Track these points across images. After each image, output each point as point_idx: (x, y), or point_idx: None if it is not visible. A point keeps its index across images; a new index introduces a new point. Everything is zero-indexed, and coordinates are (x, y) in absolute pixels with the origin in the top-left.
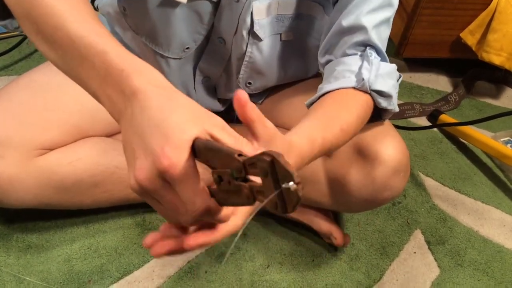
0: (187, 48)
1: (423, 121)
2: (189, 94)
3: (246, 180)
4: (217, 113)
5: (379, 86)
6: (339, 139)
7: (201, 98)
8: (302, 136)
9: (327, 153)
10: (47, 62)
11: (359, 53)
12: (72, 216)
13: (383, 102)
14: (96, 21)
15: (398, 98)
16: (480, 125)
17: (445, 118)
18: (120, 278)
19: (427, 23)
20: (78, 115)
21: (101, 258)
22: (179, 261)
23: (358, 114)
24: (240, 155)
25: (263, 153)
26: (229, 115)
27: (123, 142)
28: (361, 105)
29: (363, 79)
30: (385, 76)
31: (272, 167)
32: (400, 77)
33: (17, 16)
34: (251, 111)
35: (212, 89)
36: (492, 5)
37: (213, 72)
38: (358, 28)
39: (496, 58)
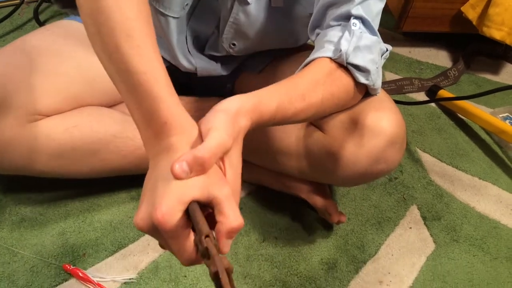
0: (186, 4)
1: (421, 97)
2: (186, 57)
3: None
4: (221, 79)
5: (356, 60)
6: (301, 110)
7: (198, 60)
8: (249, 102)
9: (289, 121)
10: (44, 28)
11: (342, 23)
12: (66, 189)
13: (360, 77)
14: (157, 54)
15: (397, 73)
16: (479, 101)
17: (443, 93)
18: (115, 252)
19: None
20: (76, 83)
21: (96, 231)
22: None
23: (328, 90)
24: (207, 236)
25: (213, 263)
26: (223, 87)
27: (145, 180)
28: (336, 81)
29: (340, 50)
30: (364, 49)
31: (217, 278)
32: (387, 51)
33: (81, 12)
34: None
35: (203, 50)
36: None
37: (204, 30)
38: (344, 1)
39: (497, 32)
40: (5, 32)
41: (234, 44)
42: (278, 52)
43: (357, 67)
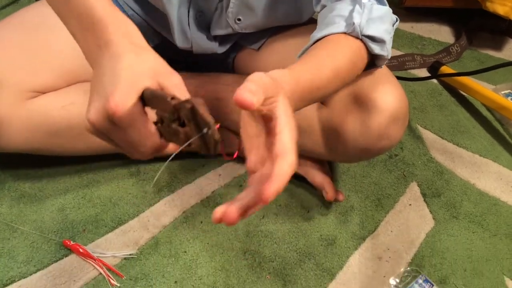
0: None
1: (423, 73)
2: (184, 32)
3: (184, 124)
4: (215, 57)
5: (371, 31)
6: (331, 82)
7: (195, 37)
8: (287, 75)
9: (321, 97)
10: (39, 2)
11: None
12: (65, 165)
13: (375, 48)
14: None
15: (399, 49)
16: (481, 78)
17: (446, 69)
18: (115, 228)
19: None
20: (72, 59)
21: (96, 207)
22: (174, 211)
23: (350, 58)
24: (173, 98)
25: (185, 101)
26: (226, 61)
27: (91, 83)
28: (353, 50)
29: (353, 23)
30: (377, 20)
31: (193, 113)
32: (396, 21)
33: None
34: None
35: (205, 27)
36: None
37: (208, 5)
38: None
39: (500, 8)
40: (1, 5)
41: (239, 20)
42: (276, 29)
43: (372, 38)
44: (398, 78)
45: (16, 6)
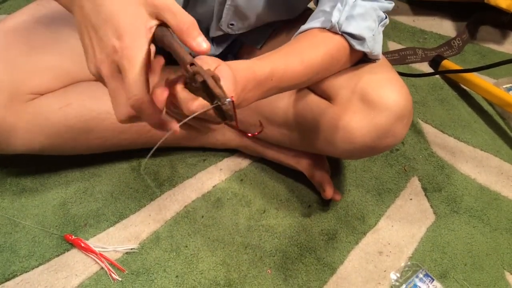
0: None
1: (425, 67)
2: None
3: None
4: (222, 54)
5: (350, 28)
6: (300, 73)
7: None
8: (242, 64)
9: (290, 86)
10: (35, 3)
11: None
12: (67, 160)
13: (356, 45)
14: None
15: (400, 43)
16: (482, 72)
17: (447, 64)
18: (116, 222)
19: None
20: (68, 59)
21: (97, 202)
22: (175, 205)
23: (326, 52)
24: (192, 64)
25: (197, 73)
26: (224, 60)
27: (78, 33)
28: (333, 44)
29: (331, 21)
30: (358, 17)
31: (205, 86)
32: (385, 18)
33: None
34: None
35: (203, 31)
36: None
37: (205, 14)
38: None
39: (502, 1)
40: None
41: (232, 24)
42: (277, 24)
43: (351, 35)
44: (401, 74)
45: (18, 0)
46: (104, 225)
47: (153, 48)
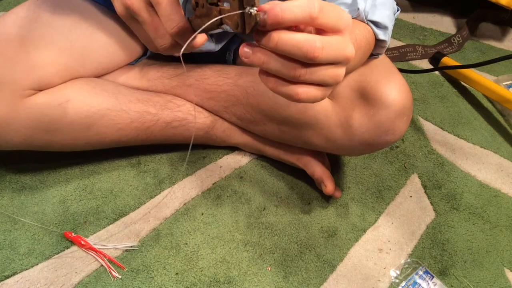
0: None
1: (425, 64)
2: None
3: (217, 5)
4: (212, 54)
5: (376, 16)
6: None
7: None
8: None
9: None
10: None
11: None
12: (66, 157)
13: (380, 34)
14: None
15: (400, 40)
16: (483, 69)
17: (447, 61)
18: (116, 220)
19: None
20: (67, 54)
21: (97, 199)
22: (175, 202)
23: (365, 35)
24: None
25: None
26: (224, 57)
27: None
28: (360, 32)
29: (358, 9)
30: (380, 6)
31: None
32: (398, 10)
33: None
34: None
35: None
36: None
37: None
38: None
39: None
40: None
41: None
42: None
43: (376, 24)
44: (401, 70)
45: None
46: (104, 222)
47: None
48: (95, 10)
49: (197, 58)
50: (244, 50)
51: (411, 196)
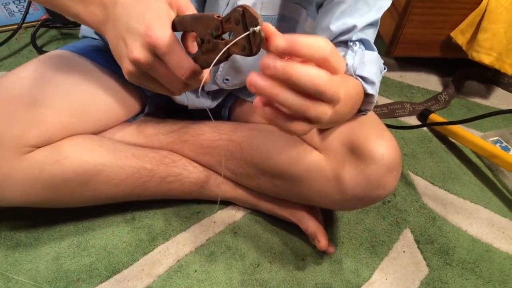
0: None
1: (413, 120)
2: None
3: (222, 39)
4: (216, 107)
5: (364, 72)
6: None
7: (190, 96)
8: None
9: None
10: (36, 59)
11: (343, 46)
12: (61, 214)
13: (369, 88)
14: None
15: (389, 97)
16: (470, 125)
17: (435, 117)
18: (109, 277)
19: (418, 23)
20: (67, 113)
21: (90, 256)
22: (169, 259)
23: (354, 87)
24: (218, 16)
25: (236, 7)
26: (220, 113)
27: (111, 46)
28: (350, 85)
29: (346, 64)
30: (368, 63)
31: (243, 15)
32: (384, 69)
33: None
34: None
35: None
36: (482, 4)
37: None
38: (347, 31)
39: (486, 57)
40: (2, 57)
41: (227, 79)
42: None
43: (364, 79)
44: (389, 126)
45: (18, 57)
46: (97, 280)
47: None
48: (95, 70)
49: (193, 115)
50: (257, 77)
51: (404, 251)
